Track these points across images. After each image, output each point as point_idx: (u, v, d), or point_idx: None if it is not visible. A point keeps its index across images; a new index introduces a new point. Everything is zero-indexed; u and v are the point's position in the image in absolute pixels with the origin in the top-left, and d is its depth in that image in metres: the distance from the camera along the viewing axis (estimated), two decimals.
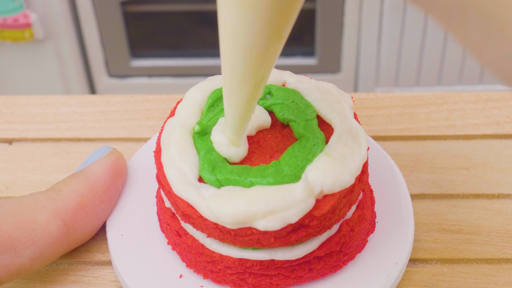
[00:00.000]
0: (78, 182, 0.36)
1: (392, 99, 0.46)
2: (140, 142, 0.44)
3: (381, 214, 0.37)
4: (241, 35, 0.26)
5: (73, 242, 0.35)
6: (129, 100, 0.47)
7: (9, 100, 0.47)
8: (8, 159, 0.43)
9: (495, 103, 0.46)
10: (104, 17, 1.09)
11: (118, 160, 0.38)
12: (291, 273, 0.33)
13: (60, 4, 1.05)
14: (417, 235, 0.38)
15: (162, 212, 0.35)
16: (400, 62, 1.12)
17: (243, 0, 0.25)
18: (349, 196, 0.32)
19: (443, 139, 0.44)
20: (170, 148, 0.33)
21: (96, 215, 0.36)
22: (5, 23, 1.04)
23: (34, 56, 1.11)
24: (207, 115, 0.35)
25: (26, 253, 0.32)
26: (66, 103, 0.47)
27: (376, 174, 0.39)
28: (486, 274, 0.36)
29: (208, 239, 0.33)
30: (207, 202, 0.31)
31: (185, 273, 0.35)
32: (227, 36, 0.27)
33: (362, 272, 0.35)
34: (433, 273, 0.36)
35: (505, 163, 0.42)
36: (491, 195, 0.40)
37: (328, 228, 0.32)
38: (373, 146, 0.41)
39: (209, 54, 1.14)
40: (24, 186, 0.42)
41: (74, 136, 0.45)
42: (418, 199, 0.40)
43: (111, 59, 1.14)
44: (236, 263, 0.32)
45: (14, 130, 0.45)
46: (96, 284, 0.36)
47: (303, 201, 0.30)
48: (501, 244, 0.37)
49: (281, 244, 0.31)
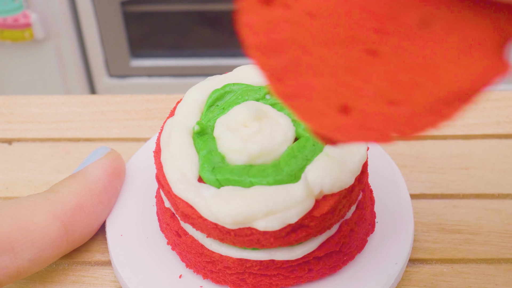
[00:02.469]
0: (76, 183, 0.36)
1: None
2: (140, 142, 0.44)
3: (381, 214, 0.37)
4: None
5: (72, 243, 0.35)
6: (129, 100, 0.47)
7: (9, 100, 0.47)
8: (7, 159, 0.43)
9: (495, 103, 0.46)
10: (104, 17, 1.09)
11: (116, 161, 0.38)
12: (291, 273, 0.33)
13: (60, 4, 1.04)
14: (417, 235, 0.38)
15: (162, 212, 0.35)
16: None
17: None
18: (349, 196, 0.32)
19: (443, 139, 0.44)
20: (170, 148, 0.33)
21: (95, 216, 0.36)
22: (5, 23, 1.04)
23: (34, 56, 1.11)
24: (207, 115, 0.35)
25: (25, 255, 0.32)
26: (66, 103, 0.47)
27: (376, 174, 0.39)
28: (486, 274, 0.36)
29: (207, 239, 0.33)
30: (206, 202, 0.31)
31: (185, 273, 0.35)
32: None
33: (362, 272, 0.35)
34: (433, 273, 0.36)
35: (505, 163, 0.42)
36: (491, 195, 0.40)
37: (328, 228, 0.32)
38: (373, 146, 0.41)
39: (209, 54, 1.14)
40: (23, 186, 0.42)
41: (74, 136, 0.45)
42: (418, 199, 0.40)
43: (111, 59, 1.14)
44: (236, 263, 0.32)
45: (14, 130, 0.45)
46: (95, 284, 0.36)
47: (303, 201, 0.30)
48: (501, 244, 0.37)
49: (281, 244, 0.31)
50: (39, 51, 1.10)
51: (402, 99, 0.23)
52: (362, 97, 0.23)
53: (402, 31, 0.23)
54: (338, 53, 0.23)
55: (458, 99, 0.22)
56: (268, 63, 0.23)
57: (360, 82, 0.23)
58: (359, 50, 0.23)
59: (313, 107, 0.23)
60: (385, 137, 0.22)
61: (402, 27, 0.23)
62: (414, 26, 0.23)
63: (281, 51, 0.24)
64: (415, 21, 0.23)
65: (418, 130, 0.22)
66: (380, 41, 0.23)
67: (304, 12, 0.24)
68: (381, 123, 0.22)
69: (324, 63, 0.23)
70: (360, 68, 0.23)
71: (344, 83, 0.23)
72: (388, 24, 0.23)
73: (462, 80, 0.22)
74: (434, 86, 0.22)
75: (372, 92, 0.23)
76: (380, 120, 0.22)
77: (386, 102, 0.23)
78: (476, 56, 0.22)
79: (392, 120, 0.22)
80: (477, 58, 0.22)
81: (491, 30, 0.22)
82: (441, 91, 0.22)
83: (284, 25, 0.24)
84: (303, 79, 0.23)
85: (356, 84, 0.23)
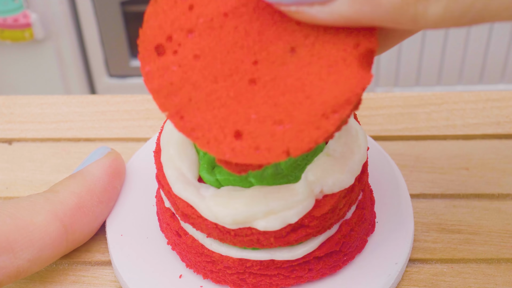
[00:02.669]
0: (76, 183, 0.36)
1: (392, 99, 0.46)
2: (140, 142, 0.44)
3: (381, 214, 0.37)
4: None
5: (72, 243, 0.35)
6: (129, 100, 0.47)
7: (9, 100, 0.47)
8: (8, 159, 0.43)
9: (495, 103, 0.46)
10: (104, 17, 1.09)
11: (116, 161, 0.38)
12: (291, 273, 0.33)
13: (60, 4, 1.05)
14: (417, 235, 0.38)
15: (162, 212, 0.35)
16: (400, 62, 1.12)
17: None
18: (349, 196, 0.32)
19: (443, 139, 0.44)
20: (170, 148, 0.33)
21: (95, 215, 0.36)
22: (5, 23, 1.04)
23: (34, 56, 1.11)
24: None
25: (25, 255, 0.32)
26: (66, 103, 0.47)
27: (376, 174, 0.39)
28: (486, 274, 0.36)
29: (208, 239, 0.33)
30: (206, 202, 0.31)
31: (185, 273, 0.35)
32: None
33: (362, 272, 0.35)
34: (433, 273, 0.36)
35: (505, 163, 0.42)
36: (491, 195, 0.40)
37: (328, 228, 0.32)
38: (373, 146, 0.41)
39: None
40: (24, 186, 0.42)
41: (74, 136, 0.45)
42: (418, 199, 0.40)
43: (111, 59, 1.14)
44: (236, 263, 0.32)
45: (14, 130, 0.45)
46: (95, 284, 0.36)
47: (303, 201, 0.30)
48: (501, 244, 0.37)
49: (281, 244, 0.31)
50: (39, 51, 1.10)
51: (285, 119, 0.26)
52: (250, 121, 0.26)
53: (275, 59, 0.27)
54: (225, 86, 0.27)
55: (333, 111, 0.25)
56: (166, 104, 0.27)
57: (247, 109, 0.26)
58: (242, 81, 0.27)
59: (212, 137, 0.26)
60: (277, 155, 0.25)
61: (274, 56, 0.27)
62: (284, 54, 0.27)
63: (176, 92, 0.27)
64: (284, 50, 0.27)
65: (305, 144, 0.25)
66: (258, 71, 0.27)
67: (191, 55, 0.28)
68: (270, 142, 0.26)
69: (214, 96, 0.27)
70: (245, 97, 0.27)
71: (234, 111, 0.26)
72: (262, 55, 0.27)
73: (334, 94, 0.25)
74: (310, 103, 0.26)
75: (258, 116, 0.26)
76: (270, 140, 0.26)
77: (272, 123, 0.26)
78: (342, 72, 0.26)
79: (280, 139, 0.25)
80: (343, 74, 0.26)
81: (352, 48, 0.26)
82: (317, 107, 0.26)
83: (175, 68, 0.28)
84: (200, 113, 0.27)
85: (244, 111, 0.26)
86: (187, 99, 0.27)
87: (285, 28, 0.27)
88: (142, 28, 0.29)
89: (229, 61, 0.27)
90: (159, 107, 0.27)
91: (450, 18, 0.23)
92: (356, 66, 0.26)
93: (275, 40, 0.27)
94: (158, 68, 0.28)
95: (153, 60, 0.28)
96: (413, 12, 0.23)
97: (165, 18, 0.29)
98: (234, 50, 0.27)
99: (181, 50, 0.28)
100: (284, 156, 0.26)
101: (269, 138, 0.26)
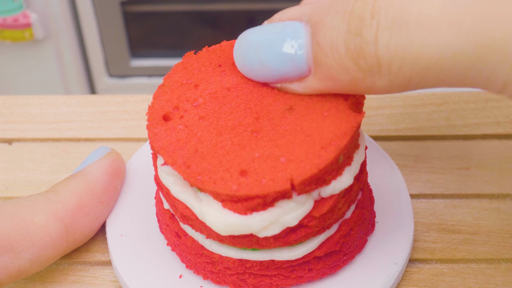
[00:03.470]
0: (76, 183, 0.36)
1: (392, 99, 0.46)
2: (140, 142, 0.44)
3: (380, 214, 0.37)
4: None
5: (72, 243, 0.35)
6: (129, 100, 0.47)
7: (8, 100, 0.47)
8: (7, 159, 0.43)
9: (495, 103, 0.46)
10: (104, 17, 1.09)
11: (116, 161, 0.38)
12: (291, 273, 0.33)
13: (60, 4, 1.04)
14: (417, 235, 0.38)
15: (161, 213, 0.35)
16: None
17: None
18: (348, 196, 0.32)
19: (443, 139, 0.44)
20: None
21: (95, 215, 0.36)
22: (5, 23, 1.04)
23: (34, 56, 1.11)
24: None
25: (25, 255, 0.32)
26: (66, 103, 0.47)
27: (376, 174, 0.39)
28: (485, 274, 0.36)
29: (207, 240, 0.33)
30: (201, 207, 0.30)
31: (185, 273, 0.35)
32: None
33: (362, 272, 0.35)
34: (433, 273, 0.36)
35: (505, 163, 0.42)
36: (491, 195, 0.40)
37: (327, 228, 0.32)
38: (373, 146, 0.41)
39: None
40: (23, 186, 0.42)
41: (74, 136, 0.45)
42: (418, 199, 0.40)
43: (111, 59, 1.14)
44: (236, 264, 0.32)
45: (14, 130, 0.45)
46: (95, 284, 0.36)
47: (302, 204, 0.30)
48: (501, 244, 0.37)
49: (281, 244, 0.31)
50: (39, 51, 1.10)
51: (287, 154, 0.29)
52: (254, 160, 0.29)
53: (275, 115, 0.31)
54: (229, 137, 0.30)
55: (331, 143, 0.29)
56: (173, 158, 0.30)
57: (250, 152, 0.29)
58: (245, 132, 0.30)
59: (218, 177, 0.29)
60: (282, 184, 0.28)
61: (274, 113, 0.31)
62: (283, 111, 0.31)
63: (182, 146, 0.30)
64: (282, 109, 0.31)
65: (307, 171, 0.28)
66: (260, 124, 0.30)
67: (197, 117, 0.31)
68: (274, 173, 0.28)
69: (219, 146, 0.30)
70: (248, 143, 0.30)
71: (238, 155, 0.29)
72: (263, 113, 0.31)
73: (331, 130, 0.29)
74: (310, 140, 0.29)
75: (261, 154, 0.29)
76: (274, 171, 0.28)
77: (275, 158, 0.29)
78: (337, 115, 0.30)
79: (283, 170, 0.28)
80: (338, 116, 0.30)
81: (343, 100, 0.30)
82: (316, 141, 0.29)
83: (182, 127, 0.31)
84: (205, 160, 0.29)
85: (248, 153, 0.29)
86: (193, 151, 0.30)
87: (283, 94, 0.31)
88: (151, 105, 0.32)
89: (232, 119, 0.31)
90: (166, 160, 0.30)
91: (397, 88, 0.27)
92: (348, 110, 0.30)
93: (274, 103, 0.31)
94: (165, 130, 0.31)
95: (160, 124, 0.31)
96: (365, 85, 0.28)
97: (172, 94, 0.32)
98: (237, 111, 0.31)
99: (187, 115, 0.31)
100: (288, 184, 0.28)
101: (273, 170, 0.29)
